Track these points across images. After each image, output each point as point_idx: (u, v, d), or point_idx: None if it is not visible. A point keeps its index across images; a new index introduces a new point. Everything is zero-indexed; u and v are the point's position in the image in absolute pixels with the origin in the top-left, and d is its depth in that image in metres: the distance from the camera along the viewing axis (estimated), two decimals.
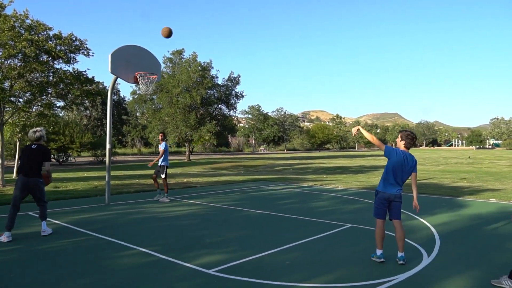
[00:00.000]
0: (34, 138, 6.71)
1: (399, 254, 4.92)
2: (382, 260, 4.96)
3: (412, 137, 5.07)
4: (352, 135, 5.45)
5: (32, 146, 6.63)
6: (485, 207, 9.59)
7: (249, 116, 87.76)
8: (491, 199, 10.86)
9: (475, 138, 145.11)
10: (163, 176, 10.50)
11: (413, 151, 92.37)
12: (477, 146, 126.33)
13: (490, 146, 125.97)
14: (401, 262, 4.85)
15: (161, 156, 10.52)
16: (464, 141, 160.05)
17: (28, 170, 6.47)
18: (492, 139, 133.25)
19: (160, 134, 10.86)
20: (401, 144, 5.10)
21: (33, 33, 13.51)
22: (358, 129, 5.33)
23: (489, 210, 9.14)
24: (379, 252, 5.02)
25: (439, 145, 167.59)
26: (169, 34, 9.40)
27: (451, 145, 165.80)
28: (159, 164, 10.58)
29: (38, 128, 6.81)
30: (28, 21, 13.62)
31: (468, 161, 35.12)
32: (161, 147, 10.62)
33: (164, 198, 10.50)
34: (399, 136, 5.17)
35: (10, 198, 10.46)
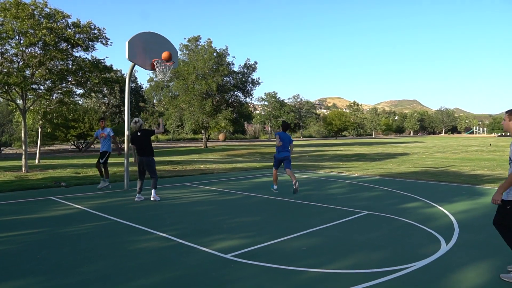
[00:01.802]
0: (137, 127, 8.61)
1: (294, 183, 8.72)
2: (276, 190, 9.32)
3: (284, 124, 9.59)
4: None
5: (138, 134, 8.53)
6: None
7: (265, 103, 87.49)
8: None
9: (497, 125, 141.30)
10: (102, 161, 10.21)
11: (431, 138, 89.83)
12: (499, 134, 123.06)
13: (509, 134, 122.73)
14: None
15: (113, 141, 10.44)
16: (485, 129, 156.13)
17: (140, 151, 8.56)
18: None
19: (101, 121, 10.53)
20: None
21: (52, 21, 13.71)
22: None
23: None
24: (275, 186, 9.42)
25: (459, 132, 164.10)
26: (169, 57, 9.55)
27: (472, 132, 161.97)
28: (101, 151, 10.35)
29: (136, 119, 8.58)
30: (47, 10, 13.81)
31: (489, 148, 34.33)
32: (106, 132, 10.34)
33: (105, 184, 10.31)
34: None
35: (34, 183, 10.83)
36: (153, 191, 8.54)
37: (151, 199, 8.48)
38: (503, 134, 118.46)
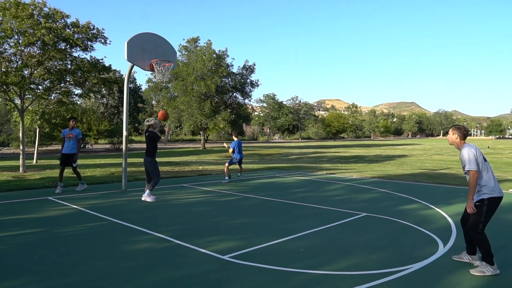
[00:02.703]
0: (146, 126, 8.56)
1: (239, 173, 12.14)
2: (228, 180, 11.59)
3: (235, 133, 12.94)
4: None
5: (146, 134, 8.57)
6: (504, 197, 9.40)
7: (264, 104, 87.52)
8: (510, 190, 10.65)
9: (495, 127, 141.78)
10: (75, 164, 9.76)
11: (429, 140, 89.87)
12: (497, 136, 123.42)
13: (510, 136, 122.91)
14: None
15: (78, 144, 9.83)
16: (483, 131, 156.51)
17: (146, 151, 8.65)
18: None
19: (72, 120, 9.84)
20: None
21: (51, 21, 13.69)
22: None
23: (508, 200, 8.97)
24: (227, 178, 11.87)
25: None
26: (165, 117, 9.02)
27: (470, 134, 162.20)
28: (67, 152, 9.71)
29: (149, 118, 8.31)
30: (46, 9, 13.79)
31: (487, 151, 34.39)
32: (74, 133, 9.76)
33: (84, 186, 10.05)
34: None
35: (31, 183, 10.79)
36: (146, 191, 8.50)
37: (141, 198, 8.48)
38: (501, 136, 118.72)
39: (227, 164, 12.39)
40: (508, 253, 5.04)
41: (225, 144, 13.93)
